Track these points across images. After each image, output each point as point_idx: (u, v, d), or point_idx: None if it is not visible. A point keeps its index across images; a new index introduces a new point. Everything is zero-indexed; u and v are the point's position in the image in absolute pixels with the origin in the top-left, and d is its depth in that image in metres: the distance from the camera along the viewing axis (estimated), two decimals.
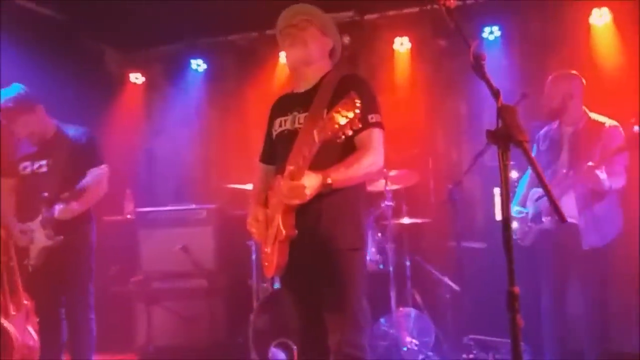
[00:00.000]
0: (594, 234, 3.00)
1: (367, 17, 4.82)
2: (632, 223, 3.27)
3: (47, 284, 3.17)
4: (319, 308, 2.12)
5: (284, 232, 1.98)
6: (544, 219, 3.10)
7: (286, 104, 2.29)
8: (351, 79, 2.19)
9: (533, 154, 3.26)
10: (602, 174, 2.88)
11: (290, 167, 1.96)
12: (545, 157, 3.21)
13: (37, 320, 3.39)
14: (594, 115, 3.15)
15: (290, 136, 2.16)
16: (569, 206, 3.01)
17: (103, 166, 3.17)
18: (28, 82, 3.20)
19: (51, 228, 3.05)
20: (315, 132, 1.84)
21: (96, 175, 3.10)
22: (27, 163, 3.17)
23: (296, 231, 2.00)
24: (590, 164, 2.88)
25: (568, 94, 3.12)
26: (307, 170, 1.91)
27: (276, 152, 2.28)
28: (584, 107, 3.17)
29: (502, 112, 1.35)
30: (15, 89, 3.08)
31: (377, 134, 2.11)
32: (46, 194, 3.01)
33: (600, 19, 4.25)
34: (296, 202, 1.94)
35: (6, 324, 3.66)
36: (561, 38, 4.39)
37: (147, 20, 4.60)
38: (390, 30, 4.82)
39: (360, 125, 1.78)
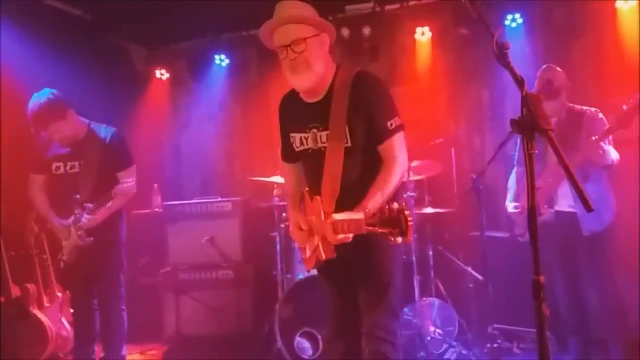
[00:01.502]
0: (592, 218, 2.97)
1: (388, 7, 4.80)
2: (632, 207, 3.27)
3: (80, 277, 3.26)
4: (354, 293, 2.18)
5: (323, 256, 2.01)
6: (542, 211, 3.07)
7: (300, 114, 2.21)
8: (364, 82, 2.11)
9: (517, 150, 3.29)
10: (606, 146, 2.90)
11: (334, 218, 1.90)
12: None
13: (71, 311, 3.51)
14: (574, 105, 3.19)
15: (315, 155, 2.16)
16: (565, 195, 3.01)
17: (131, 174, 3.20)
18: (56, 81, 3.27)
19: (83, 230, 3.12)
20: (364, 222, 1.77)
21: (123, 185, 3.14)
22: (59, 164, 3.22)
23: (335, 254, 2.00)
24: (593, 138, 2.87)
25: (564, 83, 3.17)
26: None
27: (300, 161, 2.30)
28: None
29: (527, 101, 1.35)
30: (45, 94, 3.06)
31: (398, 141, 2.10)
32: (78, 196, 3.06)
33: (626, 3, 4.17)
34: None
35: (40, 315, 3.80)
36: (585, 23, 4.32)
37: (170, 17, 4.68)
38: (411, 20, 4.80)
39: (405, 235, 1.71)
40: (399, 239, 1.69)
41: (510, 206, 3.30)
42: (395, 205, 1.68)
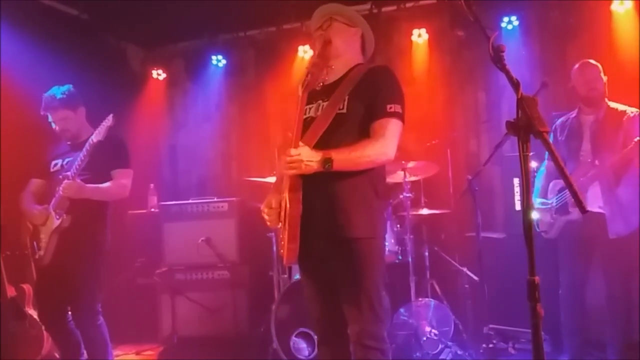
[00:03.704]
0: (620, 221, 2.96)
1: (385, 9, 4.81)
2: None
3: (52, 295, 3.09)
4: (337, 297, 2.15)
5: (288, 205, 2.01)
6: (571, 210, 3.04)
7: (314, 93, 2.29)
8: (378, 70, 2.20)
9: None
10: None
11: (289, 134, 2.02)
12: (566, 147, 3.18)
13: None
14: (613, 104, 3.12)
15: (312, 123, 2.17)
16: (595, 195, 2.97)
17: (126, 176, 3.16)
18: (53, 81, 3.27)
19: (61, 208, 3.01)
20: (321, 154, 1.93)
21: (118, 179, 3.11)
22: (57, 161, 3.20)
23: (301, 207, 2.02)
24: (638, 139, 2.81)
25: (604, 82, 3.10)
26: (307, 146, 1.97)
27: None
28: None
29: (522, 103, 1.36)
30: (66, 87, 3.20)
31: (392, 125, 2.10)
32: (61, 176, 2.99)
33: (622, 5, 4.20)
34: (292, 172, 1.98)
35: (36, 315, 3.79)
36: (581, 26, 4.35)
37: (167, 17, 4.68)
38: (408, 22, 4.82)
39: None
40: None
41: (537, 202, 3.25)
42: None
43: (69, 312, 3.13)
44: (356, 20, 2.32)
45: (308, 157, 1.95)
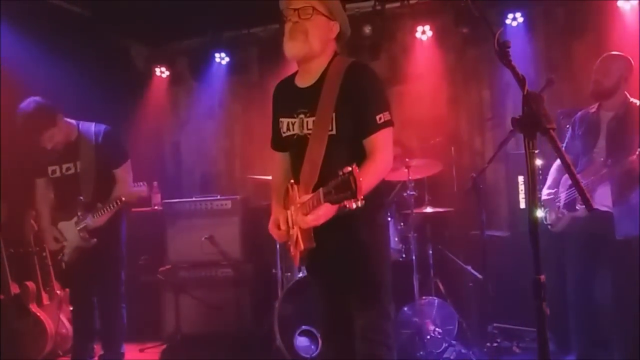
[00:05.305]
0: (629, 223, 2.90)
1: (389, 6, 4.79)
2: None
3: (80, 275, 3.27)
4: (344, 294, 2.15)
5: (302, 246, 2.01)
6: (578, 207, 3.00)
7: (290, 99, 2.19)
8: (359, 72, 2.09)
9: (567, 139, 3.24)
10: None
11: (303, 199, 1.94)
12: (582, 142, 3.12)
13: (71, 308, 3.52)
14: (635, 101, 3.01)
15: (300, 142, 2.11)
16: (604, 195, 2.92)
17: (128, 170, 3.27)
18: (55, 79, 3.27)
19: (86, 231, 3.14)
20: (322, 191, 1.79)
21: (120, 177, 3.21)
22: (54, 167, 3.24)
23: (314, 244, 2.00)
24: None
25: (623, 76, 2.98)
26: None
27: (287, 149, 2.24)
28: (626, 92, 3.04)
29: (528, 100, 1.35)
30: (32, 104, 3.09)
31: (386, 136, 2.05)
32: (82, 198, 3.10)
33: (628, 1, 4.16)
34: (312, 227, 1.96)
35: (40, 313, 3.80)
36: (586, 22, 4.32)
37: (171, 15, 4.67)
38: (412, 19, 4.80)
39: (363, 201, 1.70)
40: (353, 204, 1.67)
41: (545, 192, 3.21)
42: (348, 168, 1.66)
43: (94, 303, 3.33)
44: (336, 11, 2.13)
45: (325, 214, 1.91)
